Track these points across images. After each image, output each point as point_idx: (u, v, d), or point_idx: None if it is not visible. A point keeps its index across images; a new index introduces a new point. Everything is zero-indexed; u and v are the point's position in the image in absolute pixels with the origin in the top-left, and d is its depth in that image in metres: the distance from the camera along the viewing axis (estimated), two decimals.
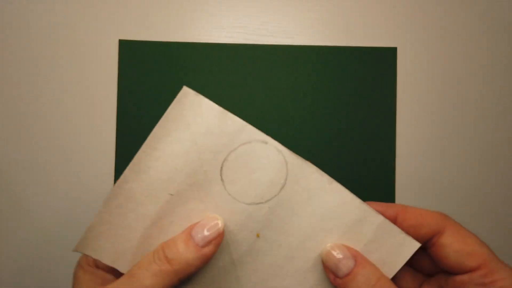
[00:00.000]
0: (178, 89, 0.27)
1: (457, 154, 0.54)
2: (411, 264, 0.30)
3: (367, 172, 0.54)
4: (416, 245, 0.27)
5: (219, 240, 0.27)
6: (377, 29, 0.55)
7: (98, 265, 0.30)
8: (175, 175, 0.27)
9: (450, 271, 0.28)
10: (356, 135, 0.54)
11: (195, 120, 0.26)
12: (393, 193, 0.54)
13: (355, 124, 0.54)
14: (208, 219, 0.27)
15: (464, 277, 0.26)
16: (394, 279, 0.28)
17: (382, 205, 0.28)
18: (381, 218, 0.28)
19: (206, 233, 0.26)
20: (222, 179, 0.27)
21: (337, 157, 0.54)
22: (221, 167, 0.27)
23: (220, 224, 0.27)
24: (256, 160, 0.27)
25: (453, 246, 0.27)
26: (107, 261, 0.28)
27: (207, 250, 0.26)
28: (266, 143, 0.27)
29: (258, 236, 0.28)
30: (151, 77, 0.56)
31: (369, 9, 0.55)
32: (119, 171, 0.56)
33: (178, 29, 0.56)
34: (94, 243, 0.27)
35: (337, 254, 0.26)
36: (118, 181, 0.27)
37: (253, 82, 0.55)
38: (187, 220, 0.28)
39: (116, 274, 0.30)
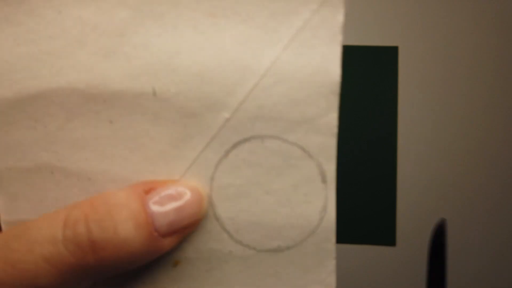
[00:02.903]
0: None
1: (459, 154, 0.53)
2: None
3: (368, 173, 0.53)
4: None
5: (190, 231, 0.16)
6: (377, 28, 0.54)
7: None
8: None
9: None
10: (357, 136, 0.54)
11: None
12: (395, 194, 0.53)
13: (355, 125, 0.54)
14: (181, 187, 0.15)
15: None
16: None
17: None
18: None
19: (175, 214, 0.15)
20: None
21: (337, 157, 0.54)
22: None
23: (202, 203, 0.16)
24: (287, 176, 0.16)
25: None
26: None
27: (166, 243, 0.15)
28: (325, 181, 0.16)
29: (176, 264, 0.17)
30: None
31: (369, 8, 0.54)
32: None
33: None
34: None
35: None
36: None
37: None
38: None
39: None
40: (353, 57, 0.54)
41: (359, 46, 0.54)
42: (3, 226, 0.16)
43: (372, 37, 0.54)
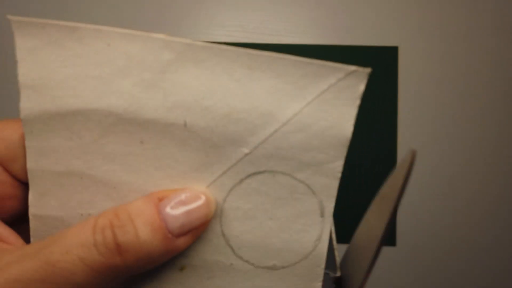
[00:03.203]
0: None
1: (460, 154, 0.54)
2: None
3: (368, 173, 0.54)
4: None
5: (202, 230, 0.18)
6: (377, 27, 0.54)
7: None
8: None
9: None
10: (356, 137, 0.53)
11: None
12: None
13: (355, 125, 0.53)
14: (189, 193, 0.17)
15: None
16: None
17: None
18: None
19: (185, 216, 0.17)
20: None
21: None
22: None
23: (210, 205, 0.18)
24: (291, 208, 0.18)
25: None
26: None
27: (181, 243, 0.17)
28: (323, 215, 0.19)
29: (182, 269, 0.19)
30: None
31: (370, 7, 0.54)
32: None
33: (177, 28, 0.55)
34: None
35: None
36: None
37: None
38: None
39: None
40: (353, 57, 0.54)
41: (359, 46, 0.54)
42: (30, 219, 0.19)
43: (372, 37, 0.54)
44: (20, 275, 0.15)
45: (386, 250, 0.54)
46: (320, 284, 0.19)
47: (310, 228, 0.19)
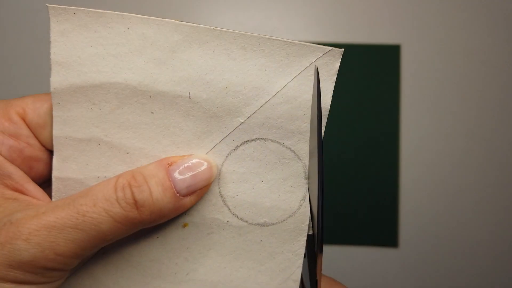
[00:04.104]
0: None
1: (463, 154, 0.53)
2: None
3: (370, 173, 0.53)
4: None
5: (205, 191, 0.21)
6: (380, 26, 0.54)
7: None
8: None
9: None
10: (358, 135, 0.53)
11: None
12: (397, 195, 0.53)
13: (357, 125, 0.53)
14: (195, 159, 0.21)
15: None
16: None
17: None
18: None
19: (191, 179, 0.20)
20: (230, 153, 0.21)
21: (338, 157, 0.53)
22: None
23: (212, 170, 0.21)
24: (280, 171, 0.21)
25: None
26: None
27: (188, 201, 0.20)
28: (307, 178, 0.22)
29: (185, 226, 0.22)
30: None
31: (372, 6, 0.54)
32: None
33: None
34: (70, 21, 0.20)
35: None
36: None
37: None
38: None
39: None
40: (355, 56, 0.54)
41: (361, 44, 0.54)
42: (53, 181, 0.21)
43: (374, 35, 0.54)
44: (55, 222, 0.18)
45: (388, 251, 0.53)
46: (305, 238, 0.22)
47: (296, 190, 0.22)
